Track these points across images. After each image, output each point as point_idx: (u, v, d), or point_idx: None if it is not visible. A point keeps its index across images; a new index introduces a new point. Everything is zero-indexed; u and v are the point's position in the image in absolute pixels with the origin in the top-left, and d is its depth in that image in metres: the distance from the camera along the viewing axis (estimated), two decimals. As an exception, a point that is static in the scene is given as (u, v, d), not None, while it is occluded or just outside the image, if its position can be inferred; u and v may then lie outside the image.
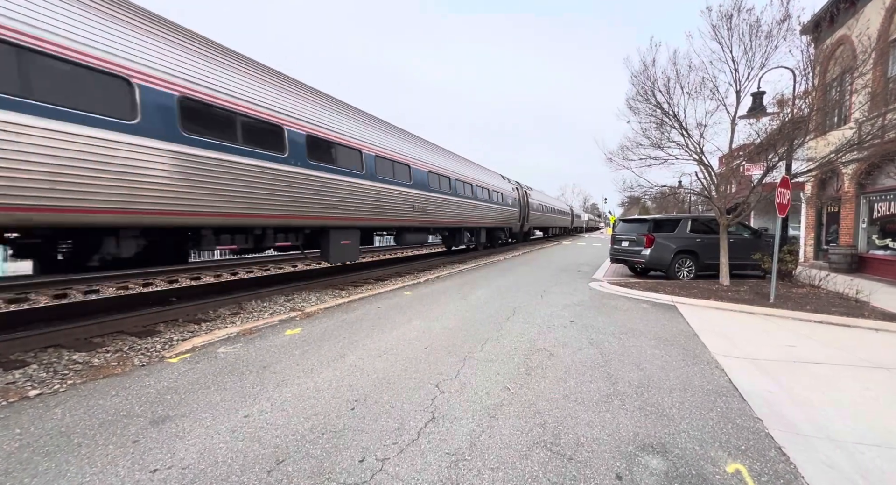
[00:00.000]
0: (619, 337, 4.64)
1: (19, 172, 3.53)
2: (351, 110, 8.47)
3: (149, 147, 4.47)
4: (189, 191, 4.88)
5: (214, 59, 5.45)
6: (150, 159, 4.48)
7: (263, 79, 6.21)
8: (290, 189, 6.32)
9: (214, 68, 5.37)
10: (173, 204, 4.72)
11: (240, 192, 5.48)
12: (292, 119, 6.44)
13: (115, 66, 4.22)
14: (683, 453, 2.26)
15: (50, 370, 3.43)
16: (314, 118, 6.96)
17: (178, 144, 4.76)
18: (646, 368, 3.64)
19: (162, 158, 4.60)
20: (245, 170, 5.56)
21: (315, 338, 4.47)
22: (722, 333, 4.82)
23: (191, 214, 4.94)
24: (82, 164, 3.94)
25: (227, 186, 5.32)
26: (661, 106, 8.05)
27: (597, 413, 2.75)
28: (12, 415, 2.67)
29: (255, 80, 6.01)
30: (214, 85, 5.26)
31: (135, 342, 4.20)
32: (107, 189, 4.13)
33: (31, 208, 3.64)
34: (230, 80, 5.54)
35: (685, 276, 9.50)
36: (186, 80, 4.91)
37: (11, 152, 3.48)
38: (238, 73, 5.75)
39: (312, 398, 2.97)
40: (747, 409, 2.81)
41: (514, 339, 4.53)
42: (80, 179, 3.93)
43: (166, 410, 2.78)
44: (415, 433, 2.50)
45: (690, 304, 6.56)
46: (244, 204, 5.55)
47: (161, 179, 4.59)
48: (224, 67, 5.54)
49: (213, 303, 5.73)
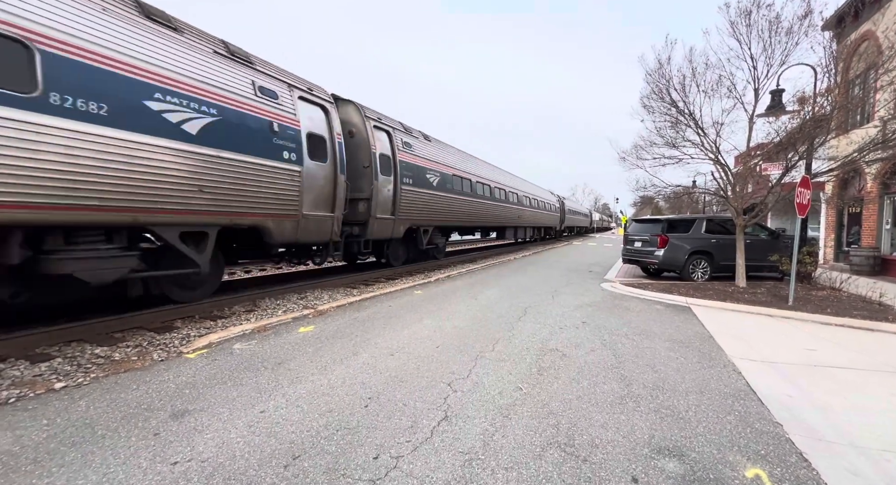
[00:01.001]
0: (633, 338, 4.59)
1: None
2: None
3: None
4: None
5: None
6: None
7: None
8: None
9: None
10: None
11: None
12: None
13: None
14: (701, 457, 2.23)
15: (74, 364, 3.54)
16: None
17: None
18: (660, 370, 3.59)
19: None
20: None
21: (328, 336, 4.52)
22: (738, 336, 4.73)
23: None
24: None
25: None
26: (677, 104, 7.93)
27: (611, 415, 2.73)
28: (39, 407, 2.77)
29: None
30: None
31: (153, 338, 4.30)
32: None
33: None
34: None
35: (700, 277, 9.34)
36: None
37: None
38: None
39: (326, 395, 3.01)
40: (766, 413, 2.76)
41: (525, 339, 4.51)
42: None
43: (185, 404, 2.84)
44: (428, 431, 2.51)
45: (705, 305, 6.45)
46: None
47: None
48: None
49: (228, 300, 5.83)
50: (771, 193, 7.42)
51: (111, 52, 4.11)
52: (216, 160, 5.04)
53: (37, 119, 3.53)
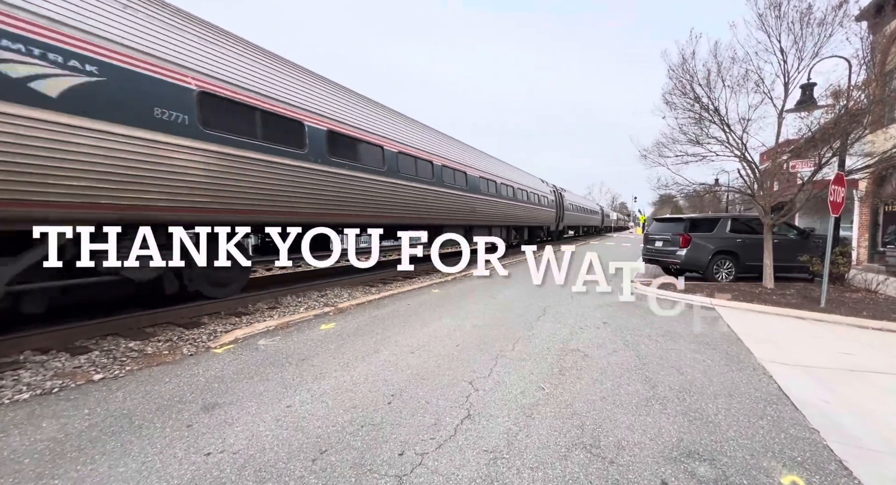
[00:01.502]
0: (656, 340, 4.49)
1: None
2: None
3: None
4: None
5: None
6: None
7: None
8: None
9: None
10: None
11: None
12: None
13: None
14: (733, 462, 2.17)
15: (110, 357, 3.69)
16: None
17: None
18: (686, 372, 3.50)
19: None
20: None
21: (349, 333, 4.59)
22: (768, 339, 4.57)
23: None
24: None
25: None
26: (700, 100, 7.70)
27: (637, 417, 2.68)
28: (81, 396, 2.90)
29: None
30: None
31: (183, 333, 4.45)
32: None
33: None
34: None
35: (724, 278, 9.06)
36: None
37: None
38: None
39: (350, 391, 3.05)
40: (801, 418, 2.66)
41: (545, 339, 4.47)
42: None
43: (215, 397, 2.93)
44: (451, 429, 2.52)
45: (731, 307, 6.26)
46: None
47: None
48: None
49: (251, 297, 5.98)
50: (802, 191, 7.13)
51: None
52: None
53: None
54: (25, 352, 3.62)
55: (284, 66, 6.47)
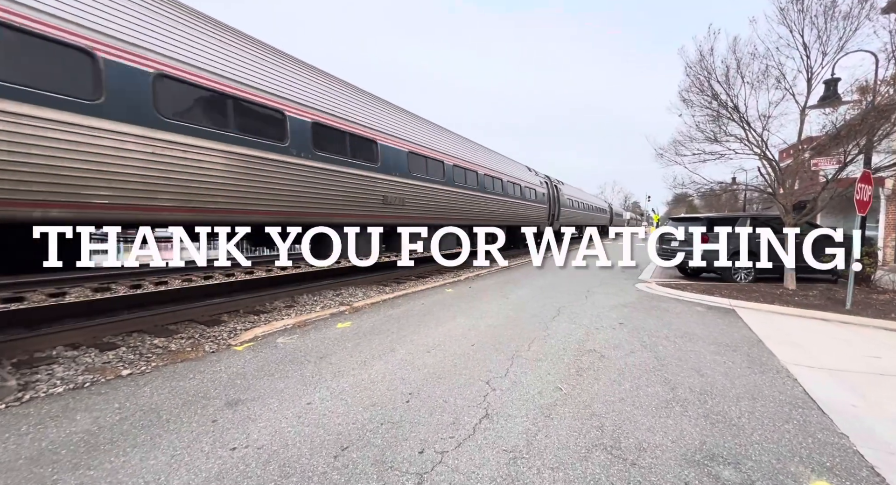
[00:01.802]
0: (675, 341, 4.43)
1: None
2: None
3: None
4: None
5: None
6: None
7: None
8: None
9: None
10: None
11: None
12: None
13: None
14: (759, 466, 2.13)
15: (136, 353, 3.81)
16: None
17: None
18: (707, 374, 3.45)
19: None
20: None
21: (365, 332, 4.64)
22: (791, 341, 4.47)
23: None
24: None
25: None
26: (719, 97, 7.56)
27: (657, 418, 2.65)
28: (111, 391, 3.00)
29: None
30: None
31: (204, 330, 4.56)
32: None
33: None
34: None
35: (742, 278, 8.88)
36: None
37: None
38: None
39: (368, 389, 3.09)
40: (829, 423, 2.60)
41: (561, 339, 4.45)
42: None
43: (238, 393, 3.00)
44: (470, 428, 2.53)
45: (752, 308, 6.12)
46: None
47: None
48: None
49: (268, 296, 6.09)
50: (826, 189, 6.93)
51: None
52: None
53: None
54: (58, 347, 3.76)
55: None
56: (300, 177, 5.89)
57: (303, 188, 5.96)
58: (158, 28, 4.40)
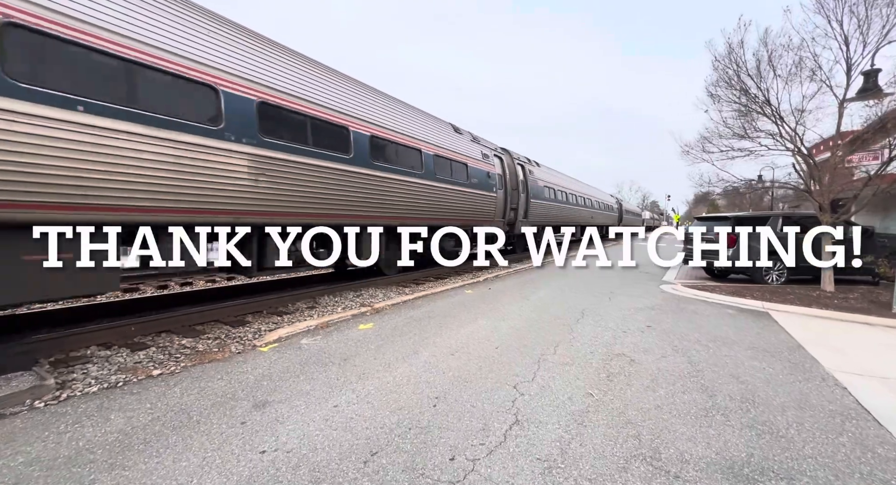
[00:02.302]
0: (707, 345, 4.25)
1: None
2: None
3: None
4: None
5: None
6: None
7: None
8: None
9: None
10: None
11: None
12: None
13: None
14: (815, 483, 1.99)
15: (165, 353, 3.88)
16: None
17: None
18: (746, 380, 3.28)
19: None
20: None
21: (387, 333, 4.61)
22: (834, 347, 4.23)
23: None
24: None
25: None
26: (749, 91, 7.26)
27: (697, 428, 2.53)
28: (142, 391, 3.05)
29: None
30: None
31: (230, 331, 4.62)
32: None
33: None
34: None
35: (774, 280, 8.51)
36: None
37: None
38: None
39: (394, 393, 3.05)
40: (888, 436, 2.42)
41: (587, 342, 4.33)
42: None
43: (265, 395, 3.00)
44: (501, 435, 2.46)
45: (788, 311, 5.84)
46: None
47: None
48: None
49: (290, 297, 6.15)
50: (868, 185, 6.57)
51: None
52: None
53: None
54: (91, 347, 3.86)
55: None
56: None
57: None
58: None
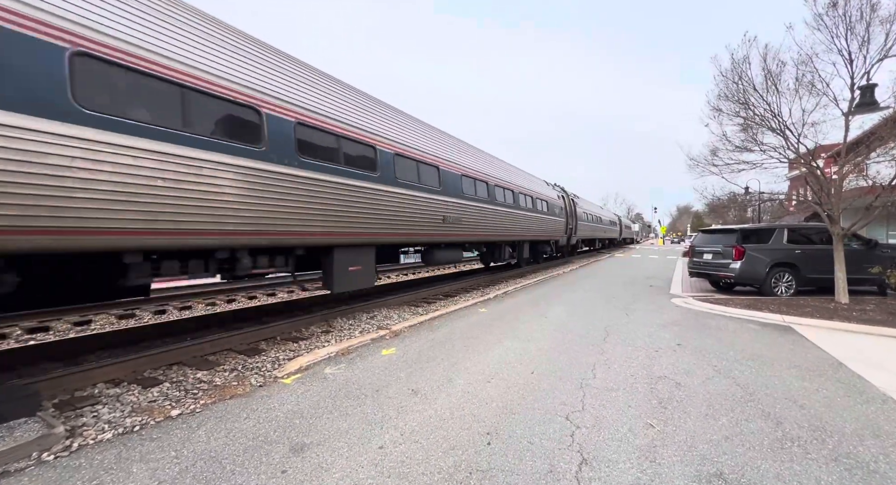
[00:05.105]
0: (747, 364, 4.12)
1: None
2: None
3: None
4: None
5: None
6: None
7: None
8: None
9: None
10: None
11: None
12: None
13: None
14: (934, 527, 1.83)
15: (181, 389, 3.57)
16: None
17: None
18: (805, 405, 3.14)
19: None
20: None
21: (413, 359, 4.37)
22: (874, 363, 4.14)
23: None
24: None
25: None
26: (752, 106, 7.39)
27: (780, 463, 2.35)
28: (163, 435, 2.75)
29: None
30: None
31: (245, 361, 4.32)
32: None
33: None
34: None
35: (783, 292, 8.53)
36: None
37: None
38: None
39: (441, 429, 2.82)
40: (981, 467, 2.28)
41: (623, 364, 4.16)
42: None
43: (300, 436, 2.74)
44: (572, 477, 2.25)
45: (812, 325, 5.78)
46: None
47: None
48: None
49: (302, 321, 5.86)
50: (880, 197, 6.65)
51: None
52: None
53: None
54: (98, 385, 3.54)
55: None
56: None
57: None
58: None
